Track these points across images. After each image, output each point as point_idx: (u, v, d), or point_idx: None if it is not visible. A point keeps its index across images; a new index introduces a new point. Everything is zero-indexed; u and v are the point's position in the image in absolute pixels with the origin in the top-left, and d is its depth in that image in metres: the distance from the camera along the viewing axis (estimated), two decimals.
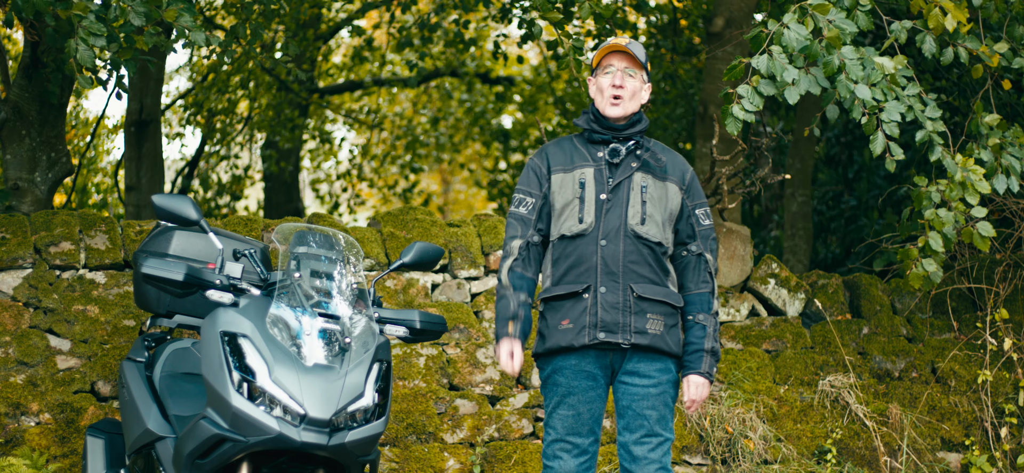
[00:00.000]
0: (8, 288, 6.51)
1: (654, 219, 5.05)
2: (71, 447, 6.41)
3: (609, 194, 5.05)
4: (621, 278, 5.00)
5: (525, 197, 5.15)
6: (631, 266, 5.01)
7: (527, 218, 5.13)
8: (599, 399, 5.08)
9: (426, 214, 7.22)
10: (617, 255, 5.01)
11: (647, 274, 5.02)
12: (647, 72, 5.16)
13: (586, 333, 4.99)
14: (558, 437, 5.07)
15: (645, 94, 5.16)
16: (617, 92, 5.08)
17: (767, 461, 7.11)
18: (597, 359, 5.05)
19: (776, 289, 7.51)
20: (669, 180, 5.10)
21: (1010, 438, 7.45)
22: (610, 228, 5.02)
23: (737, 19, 9.32)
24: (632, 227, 5.02)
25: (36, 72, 7.44)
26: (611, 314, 4.98)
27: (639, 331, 4.99)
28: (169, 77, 16.28)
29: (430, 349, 6.94)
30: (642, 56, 5.11)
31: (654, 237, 5.04)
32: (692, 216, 5.12)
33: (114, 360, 6.52)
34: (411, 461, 6.74)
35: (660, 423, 5.05)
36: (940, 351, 7.57)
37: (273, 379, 4.79)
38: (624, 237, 5.02)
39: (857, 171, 11.98)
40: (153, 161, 10.71)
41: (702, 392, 5.06)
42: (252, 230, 6.90)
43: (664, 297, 5.03)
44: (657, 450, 5.04)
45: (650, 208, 5.05)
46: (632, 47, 5.09)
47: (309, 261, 5.05)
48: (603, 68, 5.12)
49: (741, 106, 6.32)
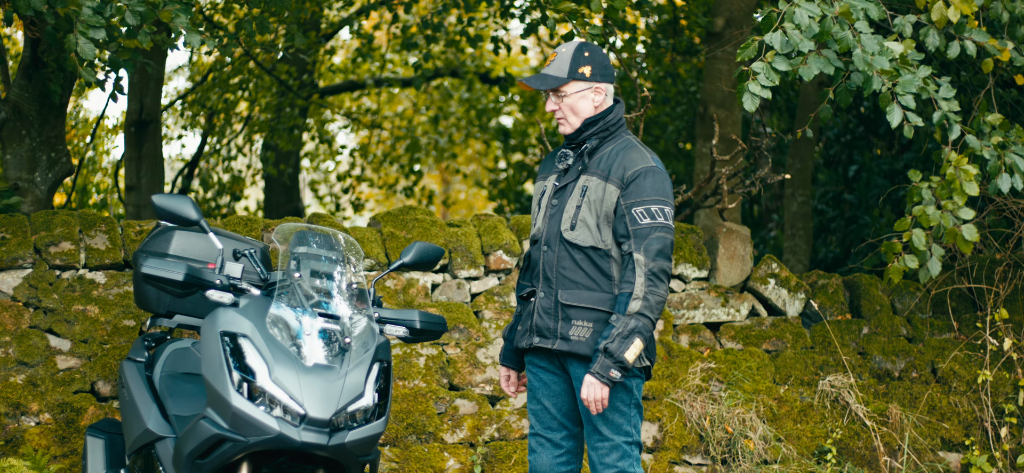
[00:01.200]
0: (8, 288, 6.51)
1: (586, 223, 5.04)
2: (71, 447, 6.41)
3: (555, 199, 5.14)
4: (554, 284, 5.07)
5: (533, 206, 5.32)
6: (562, 272, 5.07)
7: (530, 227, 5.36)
8: (562, 394, 5.16)
9: (426, 214, 7.22)
10: (552, 261, 5.09)
11: (578, 280, 5.04)
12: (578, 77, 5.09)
13: (526, 337, 5.15)
14: (534, 432, 5.22)
15: (587, 99, 5.10)
16: (555, 116, 5.16)
17: (767, 461, 7.11)
18: (547, 359, 5.17)
19: (776, 289, 7.51)
20: (610, 181, 5.05)
21: (1010, 438, 7.45)
22: (551, 234, 5.11)
23: (737, 19, 9.32)
24: (563, 233, 5.07)
25: (36, 72, 7.44)
26: (544, 319, 5.09)
27: (563, 336, 5.05)
28: (169, 77, 16.28)
29: (430, 349, 6.94)
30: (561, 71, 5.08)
31: (584, 242, 5.04)
32: (627, 215, 5.00)
33: (114, 360, 6.52)
34: (411, 461, 6.74)
35: (608, 426, 5.05)
36: (940, 351, 7.57)
37: (273, 379, 4.79)
38: (559, 243, 5.08)
39: (857, 171, 11.98)
40: (153, 161, 10.71)
41: (593, 392, 4.93)
42: (252, 230, 6.90)
43: (593, 303, 5.01)
44: (611, 455, 5.05)
45: (584, 212, 5.05)
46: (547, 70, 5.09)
47: (309, 261, 5.06)
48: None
49: (757, 82, 6.30)
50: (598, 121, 5.12)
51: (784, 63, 6.31)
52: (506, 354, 5.34)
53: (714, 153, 7.72)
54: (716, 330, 7.42)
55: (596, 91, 5.12)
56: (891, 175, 11.38)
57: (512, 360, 5.32)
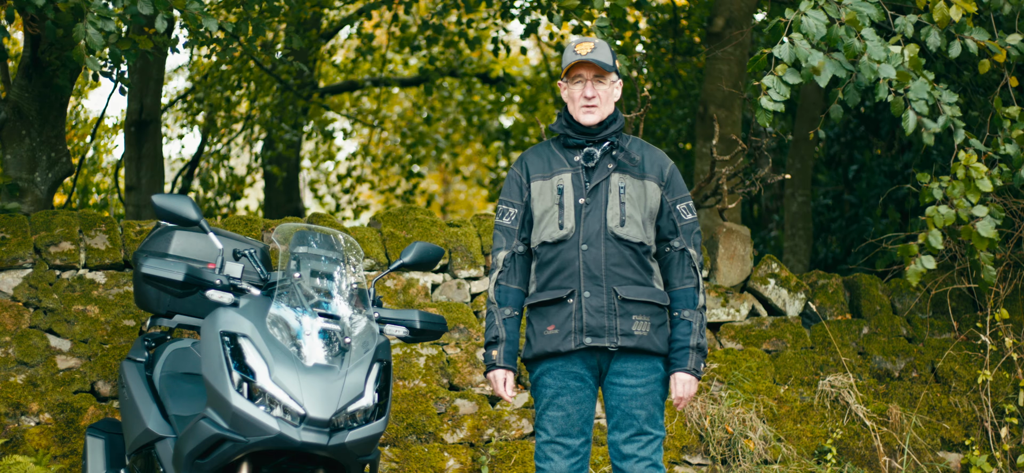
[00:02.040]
0: (8, 288, 6.51)
1: (634, 219, 5.05)
2: (71, 447, 6.41)
3: (587, 197, 5.07)
4: (604, 282, 5.02)
5: (508, 208, 5.19)
6: (613, 269, 5.03)
7: (511, 228, 5.18)
8: (588, 399, 5.10)
9: (426, 214, 7.22)
10: (599, 259, 5.03)
11: (630, 275, 5.03)
12: (616, 72, 5.15)
13: (572, 338, 5.03)
14: (549, 439, 5.10)
15: (617, 92, 5.16)
16: (590, 102, 5.10)
17: (767, 461, 7.11)
18: (584, 362, 5.08)
19: (776, 289, 7.51)
20: (647, 178, 5.10)
21: (1010, 438, 7.45)
22: (590, 232, 5.04)
23: (737, 19, 9.32)
24: (612, 229, 5.03)
25: (36, 72, 7.44)
26: (596, 318, 5.01)
27: (625, 333, 5.01)
28: (169, 77, 16.29)
29: (430, 349, 6.94)
30: (609, 60, 5.10)
31: (635, 238, 5.04)
32: (672, 211, 5.11)
33: (114, 360, 6.52)
34: (411, 461, 6.74)
35: (649, 422, 5.07)
36: (940, 351, 7.57)
37: (273, 379, 4.79)
38: (605, 240, 5.03)
39: (857, 171, 11.97)
40: (153, 161, 10.71)
41: (689, 389, 5.06)
42: (252, 230, 6.90)
43: (649, 297, 5.04)
44: (647, 448, 5.06)
45: (629, 208, 5.05)
46: (597, 55, 5.07)
47: (309, 261, 5.06)
48: (572, 77, 5.13)
49: (769, 97, 6.31)
50: (617, 118, 5.15)
51: (794, 76, 6.32)
52: (510, 355, 5.16)
53: (714, 153, 7.72)
54: (716, 330, 7.42)
55: (618, 88, 5.18)
56: (891, 175, 11.38)
57: (514, 361, 5.21)
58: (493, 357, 5.15)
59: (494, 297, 5.17)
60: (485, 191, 19.42)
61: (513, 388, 5.20)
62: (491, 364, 5.17)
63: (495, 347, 5.15)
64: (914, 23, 6.69)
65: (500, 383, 5.16)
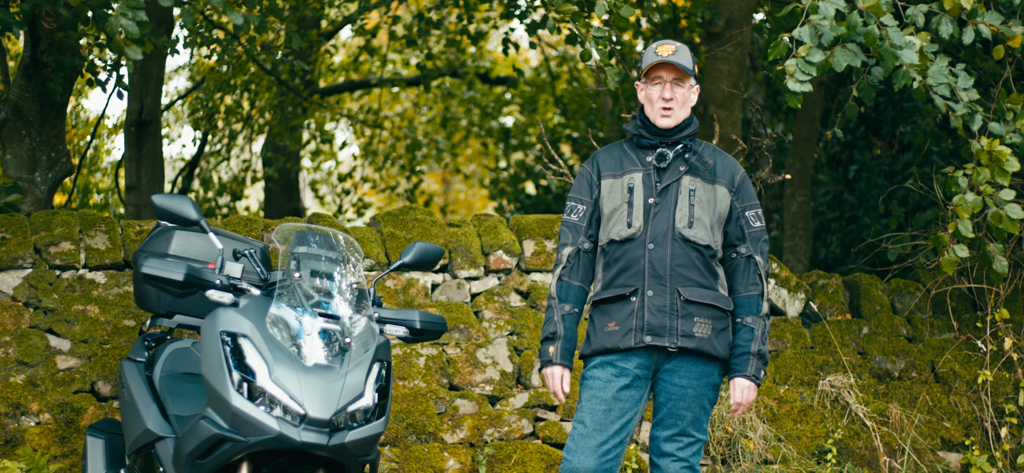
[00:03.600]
0: (8, 288, 6.51)
1: (702, 222, 5.04)
2: (71, 447, 6.41)
3: (657, 198, 5.06)
4: (668, 282, 5.00)
5: (577, 204, 5.18)
6: (679, 269, 5.01)
7: (578, 225, 5.17)
8: (633, 401, 5.05)
9: (426, 214, 7.22)
10: (664, 259, 5.01)
11: (695, 277, 5.02)
12: (695, 77, 5.15)
13: (632, 336, 5.01)
14: (585, 432, 5.03)
15: (694, 97, 5.16)
16: (668, 104, 5.09)
17: (767, 461, 7.11)
18: (642, 361, 5.05)
19: (776, 289, 7.51)
20: (718, 182, 5.10)
21: (1010, 438, 7.45)
22: (658, 232, 5.03)
23: (737, 19, 9.32)
24: (680, 230, 5.02)
25: (36, 72, 7.44)
26: (658, 317, 4.99)
27: (686, 334, 5.00)
28: (169, 77, 16.29)
29: (430, 349, 6.94)
30: (690, 64, 5.10)
31: (702, 240, 5.03)
32: (741, 218, 5.10)
33: (114, 360, 6.52)
34: (411, 461, 6.74)
35: (694, 424, 5.07)
36: (940, 351, 7.57)
37: (273, 379, 4.79)
38: (672, 241, 5.02)
39: (857, 171, 11.97)
40: (153, 161, 10.71)
41: (748, 396, 5.05)
42: (252, 230, 6.90)
43: (713, 300, 5.03)
44: (687, 450, 5.06)
45: (698, 211, 5.04)
46: (678, 58, 5.07)
47: (309, 261, 5.06)
48: (651, 79, 5.12)
49: (795, 79, 6.30)
50: (692, 122, 5.15)
51: (818, 54, 6.29)
52: (567, 352, 5.09)
53: None
54: None
55: (696, 93, 5.19)
56: (891, 175, 11.37)
57: (571, 358, 5.13)
58: (549, 353, 5.10)
59: (555, 292, 5.14)
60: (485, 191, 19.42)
61: (569, 386, 5.11)
62: (547, 360, 5.11)
63: (552, 343, 5.11)
64: (925, 12, 6.68)
65: (557, 381, 5.10)
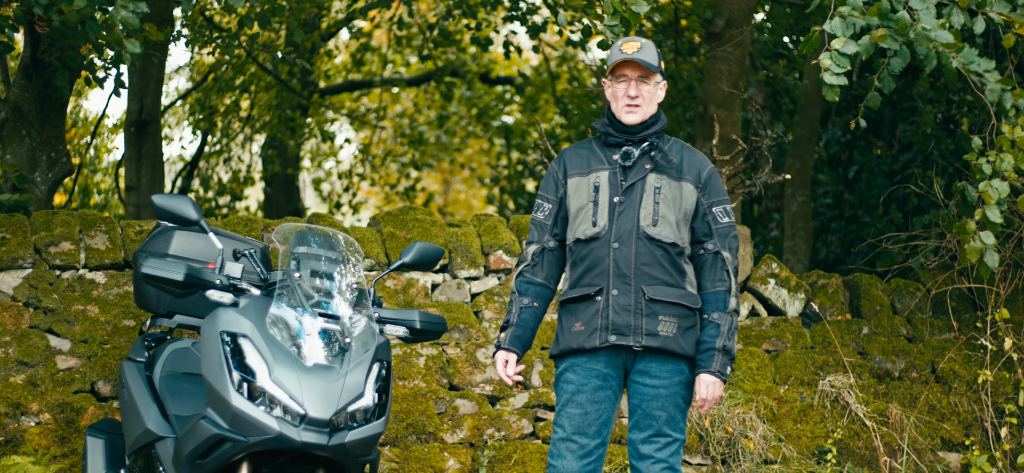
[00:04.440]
0: (8, 288, 6.52)
1: (667, 220, 5.04)
2: (71, 447, 6.41)
3: (622, 196, 5.06)
4: (633, 281, 5.00)
5: (543, 202, 5.20)
6: (643, 268, 5.01)
7: (543, 223, 5.19)
8: (609, 401, 5.08)
9: (426, 214, 7.22)
10: (629, 257, 5.01)
11: (660, 276, 5.02)
12: (662, 73, 5.15)
13: (597, 335, 5.02)
14: (564, 436, 5.07)
15: (661, 93, 5.16)
16: (632, 101, 5.09)
17: (767, 461, 7.11)
18: (609, 360, 5.06)
19: (776, 289, 7.51)
20: (684, 179, 5.09)
21: (1010, 438, 7.45)
22: (623, 230, 5.03)
23: (737, 19, 9.32)
24: (644, 229, 5.02)
25: (36, 72, 7.45)
26: (622, 317, 4.99)
27: (650, 333, 5.00)
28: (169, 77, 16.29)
29: (430, 349, 6.94)
30: (655, 60, 5.09)
31: (667, 238, 5.03)
32: (708, 214, 5.09)
33: (114, 360, 6.52)
34: (411, 461, 6.74)
35: (669, 424, 5.06)
36: (940, 351, 7.57)
37: (273, 379, 4.79)
38: (636, 239, 5.02)
39: (857, 171, 11.97)
40: (153, 161, 10.71)
41: (714, 391, 5.03)
42: (252, 230, 6.90)
43: (678, 299, 5.03)
44: (665, 450, 5.05)
45: (663, 209, 5.04)
46: (643, 55, 5.07)
47: (309, 261, 5.06)
48: (616, 76, 5.12)
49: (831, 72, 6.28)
50: (659, 119, 5.15)
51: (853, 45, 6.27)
52: (516, 339, 5.13)
53: (714, 153, 7.72)
54: None
55: (662, 89, 5.19)
56: (891, 175, 11.37)
57: (521, 346, 5.16)
58: (500, 338, 5.18)
59: (515, 287, 5.18)
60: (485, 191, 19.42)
61: (514, 369, 5.14)
62: (496, 345, 5.19)
63: (504, 330, 5.17)
64: (936, 4, 6.67)
65: (501, 364, 5.15)
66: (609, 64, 5.12)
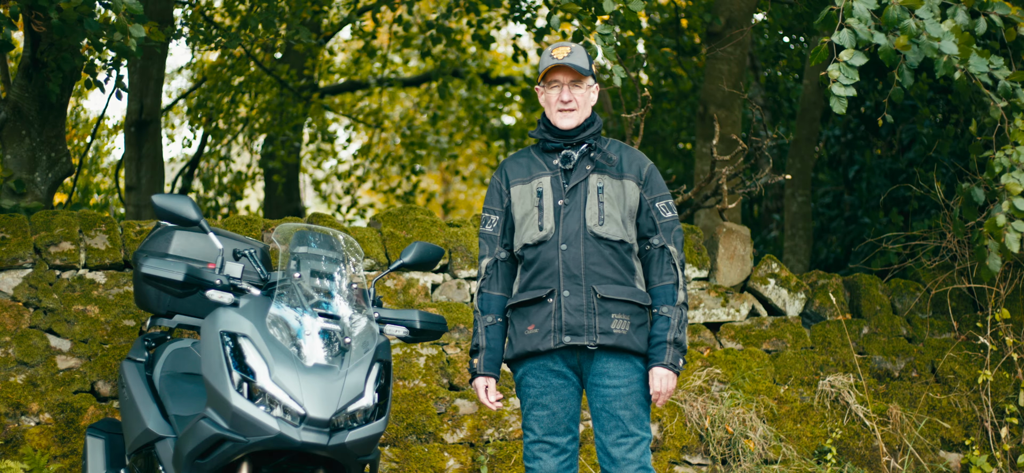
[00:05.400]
0: (8, 288, 6.51)
1: (613, 218, 5.08)
2: (71, 447, 6.41)
3: (566, 198, 5.11)
4: (583, 281, 5.05)
5: (490, 215, 5.25)
6: (593, 268, 5.05)
7: (492, 235, 5.24)
8: (573, 396, 5.14)
9: (426, 214, 7.23)
10: (578, 258, 5.05)
11: (610, 274, 5.06)
12: (593, 76, 5.19)
13: (552, 337, 5.06)
14: (537, 438, 5.15)
15: (594, 96, 5.20)
16: (566, 106, 5.14)
17: (767, 461, 7.11)
18: (565, 361, 5.11)
19: (776, 289, 7.51)
20: (626, 177, 5.14)
21: (1010, 438, 7.45)
22: (570, 232, 5.07)
23: (737, 19, 9.32)
24: (591, 228, 5.07)
25: (36, 72, 7.44)
26: (575, 317, 5.04)
27: (604, 331, 5.03)
28: (169, 77, 16.29)
29: (430, 349, 6.94)
30: (585, 64, 5.14)
31: (614, 236, 5.07)
32: (652, 209, 5.14)
33: (114, 360, 6.52)
34: (411, 461, 6.74)
35: (635, 422, 5.09)
36: (940, 351, 7.57)
37: (273, 379, 4.79)
38: (584, 240, 5.06)
39: (857, 171, 11.97)
40: (153, 161, 10.71)
41: (667, 384, 5.07)
42: (252, 230, 6.90)
43: (629, 296, 5.06)
44: (635, 450, 5.08)
45: (608, 207, 5.08)
46: (573, 59, 5.11)
47: (309, 261, 5.06)
48: (549, 82, 5.17)
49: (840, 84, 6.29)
50: (595, 121, 5.19)
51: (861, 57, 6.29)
52: (491, 362, 5.20)
53: (714, 153, 7.72)
54: (716, 330, 7.42)
55: (596, 92, 5.21)
56: (891, 175, 11.37)
57: (496, 368, 5.24)
58: (474, 365, 5.23)
59: (477, 305, 5.24)
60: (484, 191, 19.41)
61: (495, 394, 5.23)
62: (473, 372, 5.24)
63: (476, 355, 5.23)
64: (940, 4, 6.67)
65: (481, 391, 5.23)
66: (540, 70, 5.18)
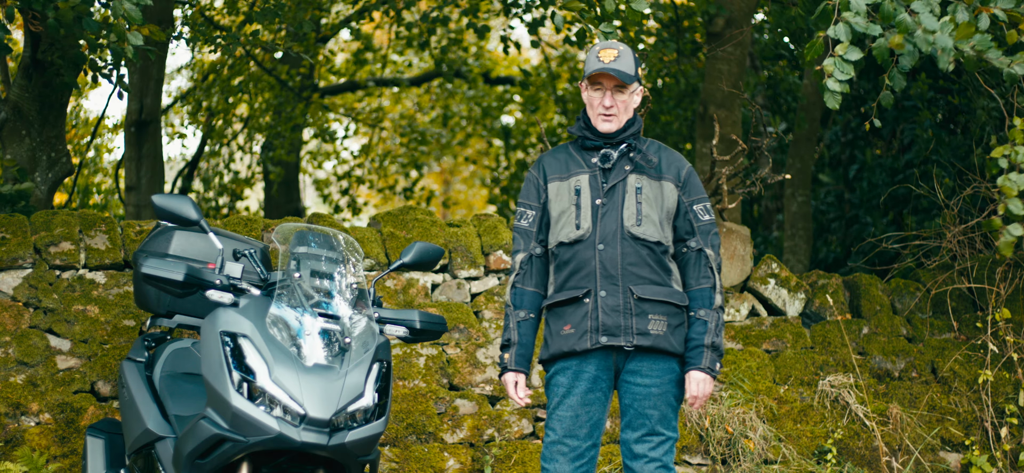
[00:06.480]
0: (8, 288, 6.51)
1: (651, 219, 5.06)
2: (71, 447, 6.41)
3: (604, 198, 5.08)
4: (620, 281, 5.01)
5: (526, 210, 5.21)
6: (630, 268, 5.02)
7: (528, 230, 5.20)
8: (599, 403, 5.09)
9: (426, 214, 7.23)
10: (615, 258, 5.03)
11: (647, 275, 5.03)
12: (638, 80, 5.17)
13: (588, 337, 5.02)
14: (556, 439, 5.09)
15: (637, 99, 5.18)
16: (608, 111, 5.12)
17: (767, 461, 7.11)
18: (600, 362, 5.07)
19: (776, 289, 7.51)
20: (664, 178, 5.12)
21: (1010, 438, 7.45)
22: (607, 232, 5.05)
23: (737, 19, 9.32)
24: (629, 229, 5.04)
25: (36, 72, 7.44)
26: (612, 317, 5.00)
27: (641, 332, 5.00)
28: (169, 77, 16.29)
29: (430, 349, 6.94)
30: (631, 70, 5.11)
31: (652, 237, 5.05)
32: (689, 212, 5.12)
33: (114, 360, 6.52)
34: (411, 461, 6.74)
35: (662, 422, 5.07)
36: (940, 351, 7.57)
37: (273, 379, 4.79)
38: (622, 240, 5.04)
39: (858, 171, 11.97)
40: (153, 161, 10.71)
41: (704, 388, 5.05)
42: (252, 230, 6.90)
43: (666, 297, 5.04)
44: (659, 449, 5.06)
45: (646, 208, 5.06)
46: (619, 65, 5.09)
47: (309, 261, 5.06)
48: (593, 82, 5.14)
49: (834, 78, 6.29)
50: (636, 121, 5.18)
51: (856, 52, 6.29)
52: (522, 358, 5.15)
53: (714, 153, 7.72)
54: None
55: (639, 95, 5.20)
56: (891, 174, 11.38)
57: (527, 364, 5.19)
58: (505, 360, 5.17)
59: (510, 300, 5.19)
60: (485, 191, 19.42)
61: (524, 390, 5.17)
62: (503, 367, 5.19)
63: (507, 350, 5.17)
64: (940, 1, 6.67)
65: (511, 386, 5.17)
66: (586, 71, 5.15)
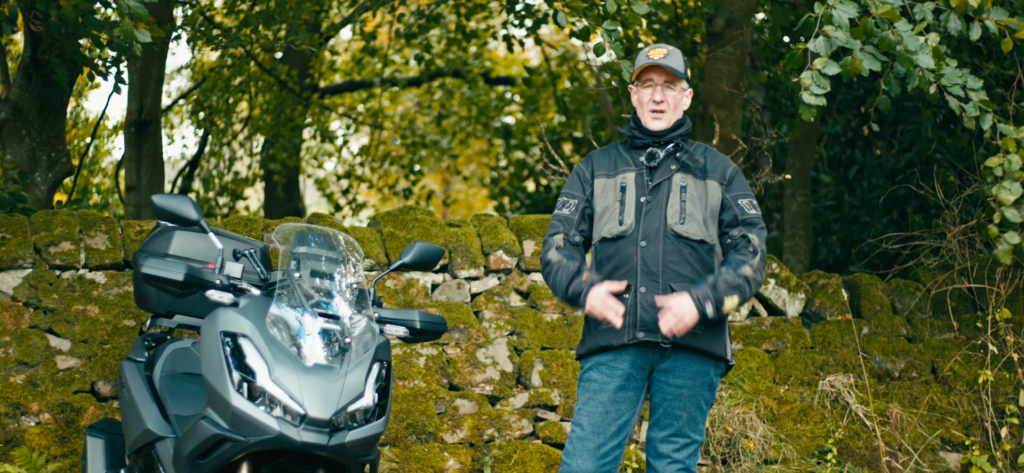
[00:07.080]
0: (8, 288, 6.51)
1: (694, 217, 5.05)
2: (71, 447, 6.41)
3: (648, 196, 5.08)
4: (661, 278, 5.01)
5: (569, 200, 5.20)
6: (671, 266, 5.02)
7: (569, 218, 5.17)
8: (630, 403, 5.07)
9: (426, 214, 7.23)
10: (657, 255, 5.02)
11: (688, 273, 5.02)
12: (687, 79, 5.17)
13: (626, 332, 5.01)
14: (583, 435, 5.05)
15: (687, 100, 5.19)
16: (658, 107, 5.11)
17: (767, 461, 7.11)
18: (635, 359, 5.06)
19: (776, 289, 7.51)
20: (710, 178, 5.12)
21: (1010, 438, 7.45)
22: (650, 229, 5.04)
23: (737, 19, 9.32)
24: (672, 227, 5.03)
25: (36, 72, 7.44)
26: (651, 313, 4.98)
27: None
28: (169, 77, 16.30)
29: (430, 349, 6.94)
30: (681, 67, 5.12)
31: (695, 235, 5.04)
32: (734, 206, 5.10)
33: (114, 360, 6.52)
34: (411, 461, 6.74)
35: (689, 424, 5.07)
36: (940, 351, 7.57)
37: (273, 379, 4.79)
38: (664, 237, 5.03)
39: (857, 171, 11.97)
40: (153, 161, 10.72)
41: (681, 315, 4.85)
42: (252, 230, 6.90)
43: None
44: (683, 451, 5.06)
45: (690, 207, 5.05)
46: (669, 61, 5.09)
47: (309, 261, 5.06)
48: (643, 81, 5.14)
49: (810, 92, 6.31)
50: (684, 122, 5.17)
51: (834, 67, 6.30)
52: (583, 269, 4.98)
53: None
54: None
55: (688, 96, 5.21)
56: (891, 175, 11.38)
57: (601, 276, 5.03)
58: (583, 281, 4.97)
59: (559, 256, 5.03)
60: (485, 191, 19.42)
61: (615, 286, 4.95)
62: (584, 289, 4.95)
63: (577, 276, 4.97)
64: (933, 9, 6.68)
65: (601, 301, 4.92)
66: (635, 68, 5.14)
